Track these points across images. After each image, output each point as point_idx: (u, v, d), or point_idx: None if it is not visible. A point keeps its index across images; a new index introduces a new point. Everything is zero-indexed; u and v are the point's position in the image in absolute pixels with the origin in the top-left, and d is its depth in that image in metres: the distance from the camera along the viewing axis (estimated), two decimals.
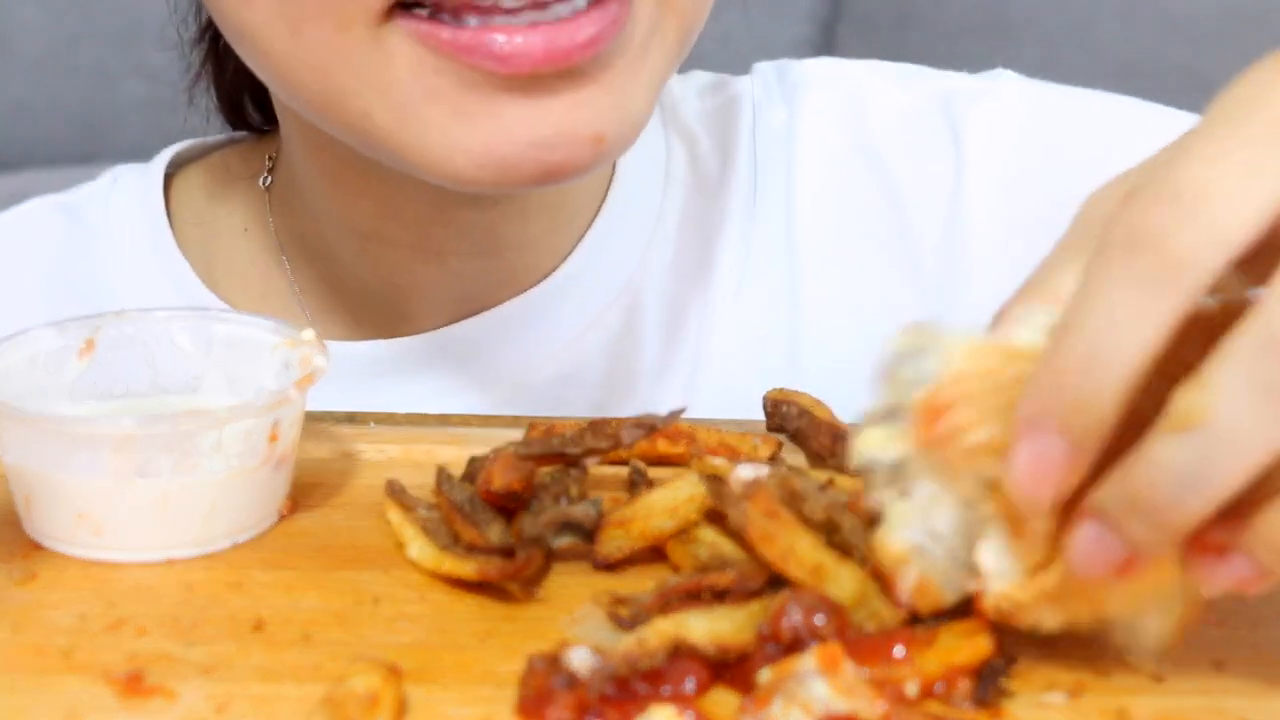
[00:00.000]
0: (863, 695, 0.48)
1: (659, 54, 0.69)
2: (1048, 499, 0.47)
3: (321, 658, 0.53)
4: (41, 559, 0.60)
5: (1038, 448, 0.46)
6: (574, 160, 0.67)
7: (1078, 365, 0.45)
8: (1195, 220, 0.44)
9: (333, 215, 0.83)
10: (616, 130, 0.68)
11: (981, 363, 0.49)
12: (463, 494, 0.61)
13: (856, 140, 0.87)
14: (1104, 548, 0.47)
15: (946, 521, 0.52)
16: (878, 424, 0.52)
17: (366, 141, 0.70)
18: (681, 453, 0.66)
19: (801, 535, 0.54)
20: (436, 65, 0.66)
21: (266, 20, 0.68)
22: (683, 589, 0.54)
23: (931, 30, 2.15)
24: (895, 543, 0.52)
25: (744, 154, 0.87)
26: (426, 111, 0.67)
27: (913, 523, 0.52)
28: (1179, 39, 2.07)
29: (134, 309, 0.67)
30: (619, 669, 0.49)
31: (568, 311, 0.83)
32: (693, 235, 0.86)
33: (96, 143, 2.15)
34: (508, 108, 0.66)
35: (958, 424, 0.49)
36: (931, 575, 0.52)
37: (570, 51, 0.64)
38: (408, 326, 0.84)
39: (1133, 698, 0.51)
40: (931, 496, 0.52)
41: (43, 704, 0.51)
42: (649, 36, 0.68)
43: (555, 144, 0.66)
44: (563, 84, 0.66)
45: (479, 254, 0.81)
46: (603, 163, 0.69)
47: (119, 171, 0.91)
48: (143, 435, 0.58)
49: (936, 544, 0.52)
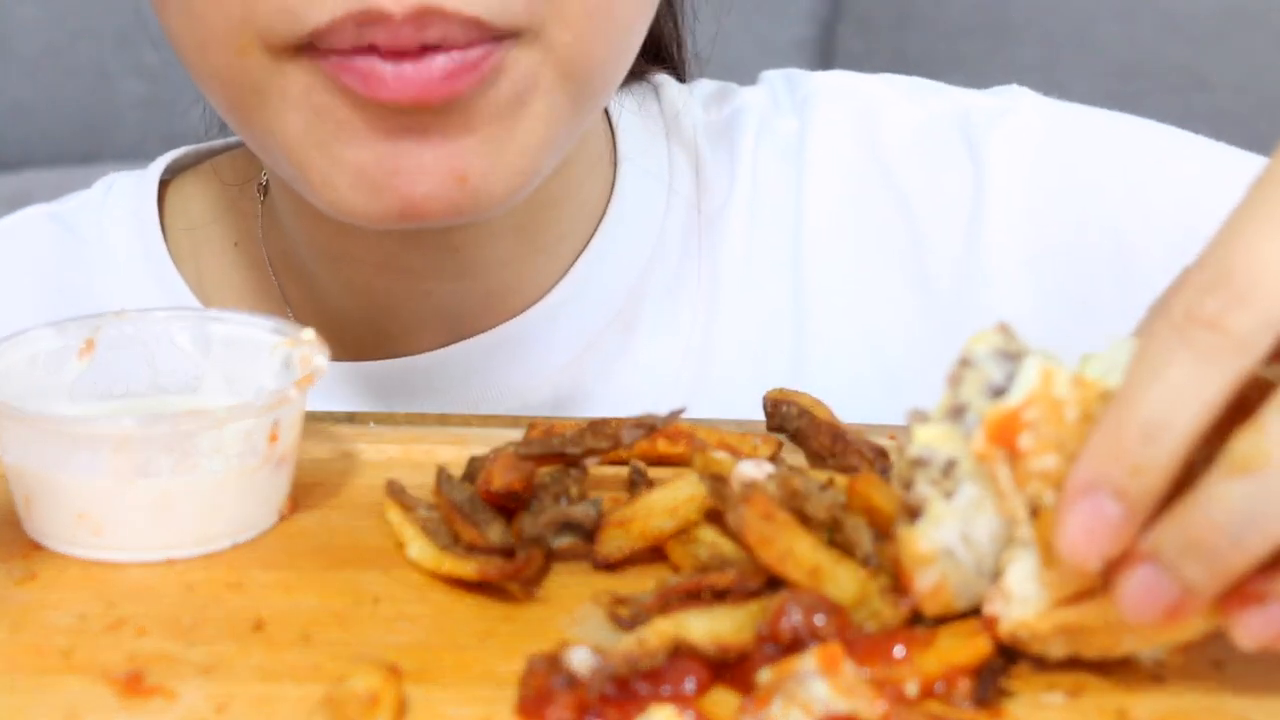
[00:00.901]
0: (863, 695, 0.48)
1: (542, 111, 0.69)
2: (1098, 559, 0.49)
3: (321, 658, 0.53)
4: (41, 559, 0.60)
5: (1093, 509, 0.48)
6: (437, 198, 0.67)
7: (1138, 433, 0.48)
8: (1248, 306, 0.47)
9: (302, 233, 0.82)
10: (484, 175, 0.68)
11: (1056, 390, 0.50)
12: (463, 494, 0.61)
13: (869, 154, 0.87)
14: (1158, 592, 0.48)
15: (984, 531, 0.52)
16: (940, 420, 0.52)
17: (274, 162, 0.72)
18: (682, 452, 0.66)
19: (800, 536, 0.54)
20: (326, 86, 0.67)
21: (180, 32, 0.70)
22: (683, 589, 0.54)
23: (931, 30, 2.15)
24: (926, 541, 0.52)
25: (749, 166, 0.87)
26: (317, 130, 0.68)
27: (949, 525, 0.52)
28: (1179, 39, 2.07)
29: (134, 309, 0.67)
30: (619, 669, 0.49)
31: (563, 334, 0.83)
32: (695, 250, 0.86)
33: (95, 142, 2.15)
34: (386, 138, 0.67)
35: (1023, 448, 0.50)
36: (950, 580, 0.52)
37: (424, 86, 0.65)
38: (394, 349, 0.83)
39: (1133, 698, 0.51)
40: (975, 503, 0.52)
41: (42, 704, 0.51)
42: (526, 90, 0.68)
43: (417, 178, 0.67)
44: (431, 124, 0.67)
45: (453, 276, 0.80)
46: (477, 207, 0.68)
47: (114, 179, 0.90)
48: (142, 435, 0.58)
49: (967, 551, 0.52)
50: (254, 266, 0.86)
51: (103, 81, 2.14)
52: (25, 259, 0.89)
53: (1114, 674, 0.52)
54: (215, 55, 0.68)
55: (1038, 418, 0.50)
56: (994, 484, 0.51)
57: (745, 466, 0.58)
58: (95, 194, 0.90)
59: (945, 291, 0.84)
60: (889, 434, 0.69)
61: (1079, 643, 0.51)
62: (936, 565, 0.52)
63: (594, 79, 0.71)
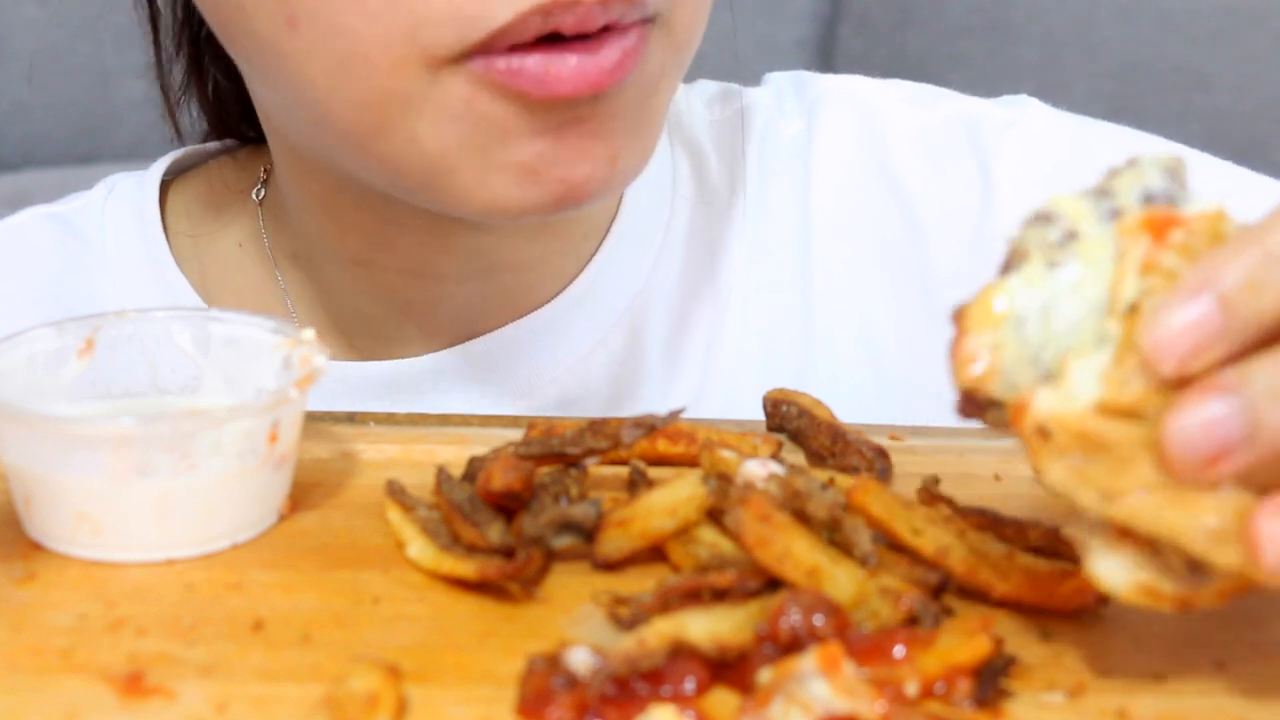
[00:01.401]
0: (863, 695, 0.48)
1: (666, 91, 0.72)
2: (1176, 362, 0.47)
3: (321, 658, 0.53)
4: (41, 559, 0.60)
5: (1195, 310, 0.47)
6: (594, 179, 0.68)
7: (1265, 254, 0.46)
8: None
9: (324, 241, 0.82)
10: (628, 156, 0.69)
11: (1222, 228, 0.49)
12: (462, 494, 0.61)
13: (875, 159, 0.87)
14: (1221, 428, 0.46)
15: (1065, 317, 0.49)
16: (1082, 195, 0.50)
17: (397, 171, 0.70)
18: (682, 452, 0.66)
19: (797, 537, 0.54)
20: (490, 94, 0.66)
21: (309, 50, 0.66)
22: (683, 589, 0.54)
23: (931, 30, 2.15)
24: (1006, 298, 0.49)
25: (754, 168, 0.87)
26: (475, 139, 0.67)
27: (1037, 292, 0.49)
28: (1179, 39, 2.07)
29: (133, 309, 0.67)
30: (619, 669, 0.49)
31: (573, 333, 0.83)
32: (700, 250, 0.86)
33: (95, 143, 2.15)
34: (550, 133, 0.67)
35: (1173, 241, 0.48)
36: (1002, 354, 0.49)
37: (599, 75, 0.65)
38: (403, 348, 0.83)
39: (1133, 698, 0.51)
40: (1072, 286, 0.49)
41: (42, 704, 0.51)
42: (660, 69, 0.70)
43: (577, 164, 0.68)
44: (589, 113, 0.67)
45: (474, 277, 0.81)
46: (621, 186, 0.71)
47: (114, 180, 0.90)
48: (142, 435, 0.58)
49: (1038, 328, 0.49)
50: (259, 267, 0.86)
51: (103, 81, 2.14)
52: (26, 260, 0.89)
53: (1114, 674, 0.52)
54: (360, 73, 0.66)
55: (1196, 232, 0.48)
56: (1118, 263, 0.49)
57: (751, 465, 0.58)
58: (97, 195, 0.90)
59: (949, 299, 0.84)
60: (889, 434, 0.70)
61: (1084, 471, 0.48)
62: (999, 331, 0.49)
63: (689, 57, 0.73)
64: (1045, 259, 0.50)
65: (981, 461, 0.68)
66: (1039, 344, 0.50)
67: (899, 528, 0.57)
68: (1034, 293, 0.50)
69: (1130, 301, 0.49)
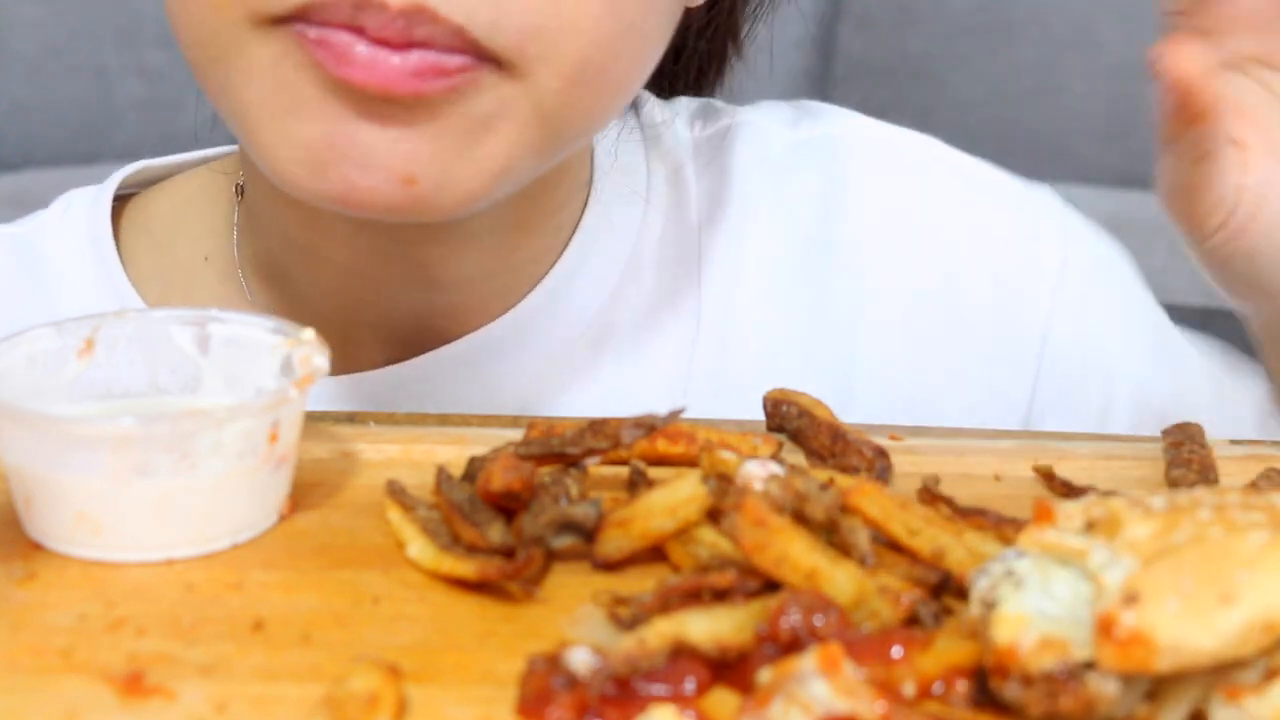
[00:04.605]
0: (862, 695, 0.48)
1: (508, 139, 0.69)
2: None
3: (321, 658, 0.53)
4: (41, 559, 0.60)
5: None
6: (380, 193, 0.68)
7: None
8: None
9: (275, 226, 0.82)
10: (434, 184, 0.68)
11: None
12: (462, 494, 0.61)
13: (839, 183, 0.88)
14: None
15: (1064, 588, 0.50)
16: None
17: (233, 128, 0.72)
18: (682, 453, 0.66)
19: (794, 539, 0.54)
20: (296, 60, 0.67)
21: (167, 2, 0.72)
22: (683, 589, 0.54)
23: (931, 30, 2.15)
24: (1013, 606, 0.50)
25: (740, 182, 0.87)
26: (275, 100, 0.68)
27: (1028, 597, 0.50)
28: None
29: (134, 309, 0.67)
30: (619, 669, 0.49)
31: (530, 348, 0.83)
32: (673, 265, 0.86)
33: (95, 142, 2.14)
34: (341, 119, 0.67)
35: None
36: (1056, 632, 0.50)
37: (391, 76, 0.66)
38: (362, 359, 0.82)
39: None
40: (1044, 578, 0.50)
41: (42, 704, 0.51)
42: (496, 116, 0.68)
43: (364, 168, 0.68)
44: (393, 116, 0.67)
45: (418, 287, 0.80)
46: (417, 212, 0.69)
47: (71, 198, 0.89)
48: (142, 435, 0.58)
49: (1055, 605, 0.50)
50: (224, 280, 0.84)
51: (103, 81, 2.14)
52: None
53: None
54: (195, 11, 0.70)
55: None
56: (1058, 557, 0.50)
57: (750, 466, 0.58)
58: (53, 214, 0.88)
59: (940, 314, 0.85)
60: (889, 434, 0.70)
61: None
62: (1035, 624, 0.50)
63: (571, 129, 0.72)
64: (1010, 587, 0.50)
65: (981, 461, 0.68)
66: (1068, 611, 0.50)
67: (895, 529, 0.57)
68: (1026, 599, 0.50)
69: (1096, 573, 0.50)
